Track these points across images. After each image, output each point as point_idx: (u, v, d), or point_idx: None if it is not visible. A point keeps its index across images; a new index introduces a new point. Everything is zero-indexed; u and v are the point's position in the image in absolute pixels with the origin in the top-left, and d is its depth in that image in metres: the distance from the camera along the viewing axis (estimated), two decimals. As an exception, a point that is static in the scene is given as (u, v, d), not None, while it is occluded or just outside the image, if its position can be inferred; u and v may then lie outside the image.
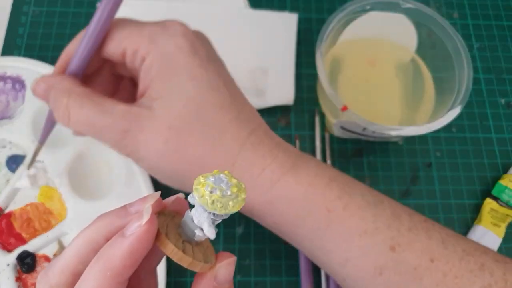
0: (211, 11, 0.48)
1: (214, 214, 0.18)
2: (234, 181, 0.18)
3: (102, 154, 0.42)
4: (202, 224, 0.18)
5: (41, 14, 0.49)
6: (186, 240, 0.19)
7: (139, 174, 0.40)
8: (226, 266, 0.19)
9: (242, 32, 0.47)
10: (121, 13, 0.46)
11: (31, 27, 0.48)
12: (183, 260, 0.18)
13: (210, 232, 0.18)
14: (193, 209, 0.19)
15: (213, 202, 0.17)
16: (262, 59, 0.47)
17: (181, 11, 0.48)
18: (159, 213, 0.20)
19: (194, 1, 0.49)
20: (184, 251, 0.18)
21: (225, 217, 0.18)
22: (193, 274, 0.20)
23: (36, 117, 0.42)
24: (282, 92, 0.45)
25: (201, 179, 0.18)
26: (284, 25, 0.48)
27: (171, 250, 0.18)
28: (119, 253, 0.17)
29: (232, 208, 0.17)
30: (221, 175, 0.18)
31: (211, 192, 0.17)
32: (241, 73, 0.46)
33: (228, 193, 0.17)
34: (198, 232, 0.19)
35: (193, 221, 0.18)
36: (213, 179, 0.17)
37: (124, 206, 0.19)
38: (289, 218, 0.30)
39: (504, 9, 0.53)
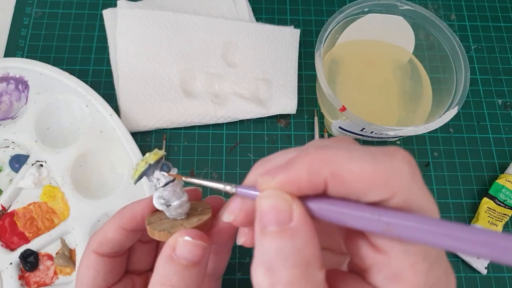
0: (218, 23, 0.48)
1: (151, 187, 0.22)
2: (147, 154, 0.22)
3: (104, 154, 0.42)
4: (153, 200, 0.23)
5: (43, 15, 0.50)
6: (168, 218, 0.23)
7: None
8: (184, 243, 0.21)
9: (247, 44, 0.48)
10: (128, 23, 0.47)
11: (33, 28, 0.49)
12: (147, 229, 0.23)
13: (155, 204, 0.23)
14: None
15: (131, 177, 0.22)
16: (266, 70, 0.47)
17: (188, 23, 0.48)
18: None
19: (201, 13, 0.49)
20: (152, 224, 0.23)
21: (158, 186, 0.22)
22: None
23: (38, 117, 0.42)
24: (285, 102, 0.46)
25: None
26: (287, 39, 0.49)
27: (146, 221, 0.23)
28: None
29: (134, 175, 0.22)
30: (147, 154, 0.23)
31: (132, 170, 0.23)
32: (246, 84, 0.47)
33: (134, 166, 0.22)
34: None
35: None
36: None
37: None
38: None
39: (501, 10, 0.54)
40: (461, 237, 0.15)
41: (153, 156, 0.22)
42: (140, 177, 0.22)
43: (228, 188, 0.20)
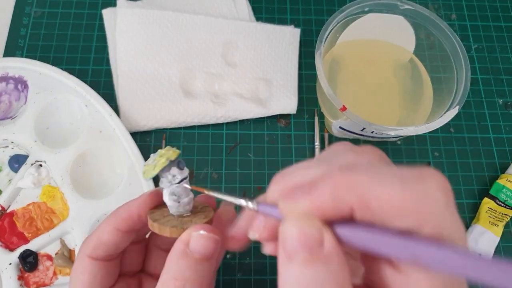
0: (218, 23, 0.48)
1: (163, 182, 0.23)
2: (163, 151, 0.22)
3: (103, 154, 0.42)
4: (164, 196, 0.23)
5: (43, 15, 0.50)
6: (172, 215, 0.24)
7: (141, 174, 0.41)
8: (198, 237, 0.21)
9: (247, 44, 0.48)
10: (128, 22, 0.47)
11: (33, 28, 0.49)
12: (154, 226, 0.22)
13: (165, 199, 0.23)
14: None
15: (144, 172, 0.23)
16: (266, 70, 0.47)
17: (188, 23, 0.48)
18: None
19: (201, 13, 0.49)
20: (160, 221, 0.23)
21: (174, 182, 0.22)
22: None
23: (38, 117, 0.42)
24: (285, 102, 0.46)
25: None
26: (288, 38, 0.49)
27: (148, 219, 0.23)
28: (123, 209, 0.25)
29: (154, 170, 0.22)
30: (158, 150, 0.23)
31: (144, 166, 0.23)
32: (246, 83, 0.46)
33: (150, 162, 0.22)
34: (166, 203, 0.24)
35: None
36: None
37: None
38: None
39: (502, 10, 0.53)
40: (495, 273, 0.15)
41: (172, 153, 0.22)
42: (159, 173, 0.22)
43: (250, 205, 0.21)
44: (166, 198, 0.23)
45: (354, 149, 0.20)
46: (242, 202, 0.21)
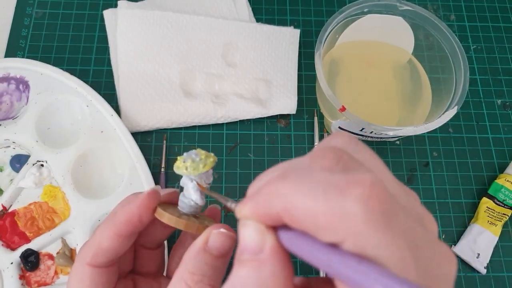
0: (218, 24, 0.48)
1: (193, 179, 0.23)
2: (203, 151, 0.23)
3: (104, 154, 0.43)
4: (190, 194, 0.23)
5: (44, 16, 0.50)
6: (186, 214, 0.24)
7: (142, 174, 0.41)
8: (218, 234, 0.22)
9: (247, 44, 0.48)
10: (128, 23, 0.47)
11: (34, 28, 0.49)
12: (179, 223, 0.22)
13: (196, 197, 0.23)
14: (184, 187, 0.24)
15: (186, 168, 0.22)
16: (266, 70, 0.47)
17: (188, 23, 0.48)
18: (167, 203, 0.25)
19: (201, 13, 0.49)
20: (183, 218, 0.23)
21: (208, 182, 0.23)
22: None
23: (39, 117, 0.43)
24: (285, 102, 0.46)
25: (178, 159, 0.23)
26: (287, 39, 0.49)
27: (167, 217, 0.23)
28: (122, 214, 0.24)
29: (204, 167, 0.22)
30: (191, 150, 0.23)
31: (184, 161, 0.23)
32: (246, 84, 0.47)
33: (197, 158, 0.22)
34: (188, 202, 0.24)
35: (184, 195, 0.24)
36: (185, 155, 0.23)
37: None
38: None
39: (501, 11, 0.54)
40: None
41: (214, 156, 0.24)
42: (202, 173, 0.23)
43: (232, 206, 0.22)
44: (196, 196, 0.24)
45: (312, 153, 0.18)
46: (227, 202, 0.22)
